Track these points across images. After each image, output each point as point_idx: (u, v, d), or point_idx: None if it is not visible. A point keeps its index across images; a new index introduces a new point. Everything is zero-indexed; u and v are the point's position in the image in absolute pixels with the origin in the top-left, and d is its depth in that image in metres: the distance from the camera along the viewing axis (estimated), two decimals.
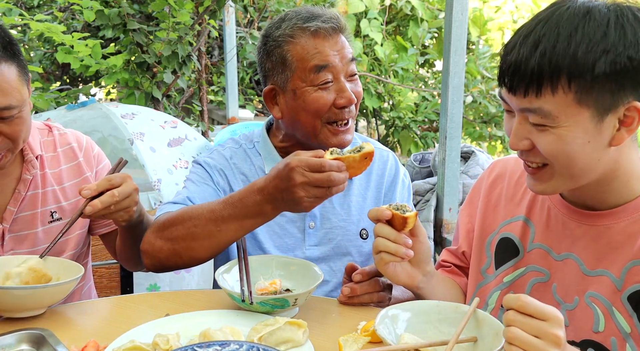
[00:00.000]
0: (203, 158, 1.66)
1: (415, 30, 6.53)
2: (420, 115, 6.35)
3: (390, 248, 1.21)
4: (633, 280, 1.10)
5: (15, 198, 1.51)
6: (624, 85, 1.00)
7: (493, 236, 1.34)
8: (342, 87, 1.50)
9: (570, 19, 1.01)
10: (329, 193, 1.25)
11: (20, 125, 1.39)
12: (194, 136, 4.40)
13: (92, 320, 1.26)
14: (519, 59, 1.03)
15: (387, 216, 1.22)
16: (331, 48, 1.49)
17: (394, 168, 1.69)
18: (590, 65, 0.99)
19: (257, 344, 1.06)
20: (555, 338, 0.93)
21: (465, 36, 2.84)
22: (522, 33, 1.06)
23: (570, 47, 0.99)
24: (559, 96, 1.01)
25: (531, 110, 1.05)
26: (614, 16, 1.01)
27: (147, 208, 3.81)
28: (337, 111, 1.50)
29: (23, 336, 1.15)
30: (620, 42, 0.99)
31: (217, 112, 7.74)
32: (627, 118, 1.04)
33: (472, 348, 1.08)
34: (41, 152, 1.57)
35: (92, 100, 4.29)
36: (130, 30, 4.67)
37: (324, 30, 1.49)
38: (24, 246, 1.53)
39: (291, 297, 1.23)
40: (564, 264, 1.20)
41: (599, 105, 1.01)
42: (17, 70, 1.37)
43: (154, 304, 1.35)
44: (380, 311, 1.13)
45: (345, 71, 1.51)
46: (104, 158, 1.71)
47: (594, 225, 1.15)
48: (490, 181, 1.40)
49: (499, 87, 1.12)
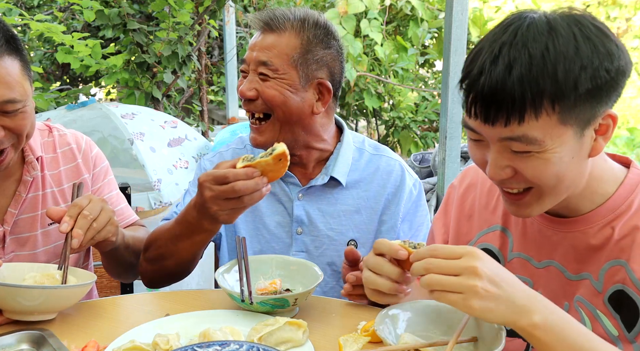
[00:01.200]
0: (205, 161, 1.67)
1: (415, 30, 6.53)
2: (420, 115, 6.35)
3: (385, 287, 1.10)
4: (612, 281, 1.10)
5: (16, 199, 1.51)
6: (602, 97, 0.98)
7: (471, 245, 1.30)
8: (246, 80, 1.52)
9: (536, 38, 0.96)
10: (241, 203, 1.25)
11: (24, 120, 1.38)
12: (194, 136, 4.40)
13: (92, 320, 1.26)
14: (493, 86, 0.96)
15: (403, 256, 1.07)
16: (253, 43, 1.53)
17: (399, 179, 1.62)
18: (572, 84, 0.95)
19: (257, 344, 1.06)
20: (472, 269, 0.92)
21: (465, 36, 2.84)
22: (485, 58, 0.98)
23: (547, 67, 0.94)
24: (543, 120, 0.97)
25: (514, 138, 0.99)
26: (577, 29, 0.97)
27: (147, 208, 3.82)
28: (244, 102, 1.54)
29: (23, 336, 1.15)
30: (594, 55, 0.96)
31: (217, 112, 7.74)
32: (602, 127, 1.02)
33: (472, 348, 1.08)
34: (41, 154, 1.56)
35: (92, 100, 4.29)
36: (130, 30, 4.67)
37: (256, 25, 1.53)
38: (24, 248, 1.53)
39: (291, 297, 1.23)
40: (547, 272, 1.19)
41: (580, 121, 0.99)
42: (20, 64, 1.36)
43: (154, 304, 1.35)
44: (380, 311, 1.13)
45: (255, 68, 1.51)
46: (103, 160, 1.69)
47: (569, 231, 1.14)
48: (463, 190, 1.36)
49: (467, 117, 1.04)
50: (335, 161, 1.59)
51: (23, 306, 1.19)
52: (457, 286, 0.92)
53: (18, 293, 1.17)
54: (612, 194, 1.11)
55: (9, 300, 1.18)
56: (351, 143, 1.65)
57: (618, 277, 1.09)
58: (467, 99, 1.02)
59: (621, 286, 1.09)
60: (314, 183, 1.59)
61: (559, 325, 0.94)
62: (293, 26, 1.50)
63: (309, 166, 1.60)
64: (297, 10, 1.53)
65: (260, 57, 1.49)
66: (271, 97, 1.49)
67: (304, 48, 1.49)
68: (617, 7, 9.92)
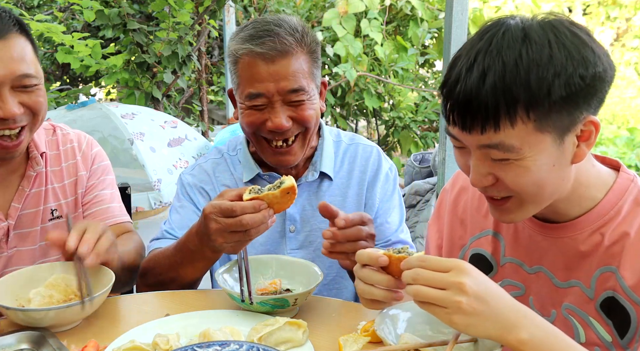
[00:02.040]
0: (185, 175, 1.65)
1: (415, 30, 6.52)
2: (420, 115, 6.35)
3: (379, 295, 1.06)
4: (603, 287, 1.09)
5: (19, 194, 1.52)
6: (578, 103, 0.97)
7: (464, 250, 1.31)
8: (274, 111, 1.44)
9: (510, 45, 0.96)
10: (247, 236, 1.23)
11: (40, 97, 1.41)
12: (194, 136, 4.40)
13: (92, 320, 1.26)
14: (468, 93, 0.96)
15: (384, 263, 1.05)
16: (267, 73, 1.42)
17: (376, 163, 1.65)
18: (545, 91, 0.94)
19: (257, 344, 1.06)
20: (459, 285, 0.91)
21: (465, 36, 2.84)
22: (462, 65, 0.99)
23: (520, 75, 0.94)
24: (519, 128, 0.96)
25: (492, 146, 0.99)
26: (552, 35, 0.97)
27: (147, 207, 3.82)
28: (269, 133, 1.47)
29: (23, 336, 1.15)
30: (567, 62, 0.95)
31: (217, 112, 7.74)
32: (584, 133, 1.01)
33: (472, 348, 1.08)
34: (45, 150, 1.58)
35: (92, 100, 4.30)
36: (130, 30, 4.67)
37: (261, 54, 1.42)
38: (26, 243, 1.54)
39: (291, 297, 1.23)
40: (537, 277, 1.19)
41: (558, 128, 0.98)
42: (31, 47, 1.41)
43: (154, 304, 1.35)
44: (380, 311, 1.13)
45: (282, 98, 1.44)
46: (103, 159, 1.70)
47: (559, 237, 1.13)
48: (455, 194, 1.36)
49: (447, 124, 1.05)
50: (321, 156, 1.61)
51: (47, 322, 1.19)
52: (442, 300, 0.92)
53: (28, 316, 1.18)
54: (601, 200, 1.10)
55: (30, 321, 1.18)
56: (330, 137, 1.67)
57: (609, 284, 1.08)
58: (445, 106, 1.02)
59: (612, 293, 1.08)
60: (303, 179, 1.60)
61: (547, 341, 0.93)
62: (299, 42, 1.46)
63: (299, 165, 1.60)
64: (284, 21, 1.47)
65: (289, 85, 1.43)
66: (309, 118, 1.48)
67: (312, 59, 1.49)
68: (617, 7, 9.92)
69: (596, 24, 10.51)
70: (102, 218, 1.62)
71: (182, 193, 1.63)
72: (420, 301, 0.95)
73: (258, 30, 1.44)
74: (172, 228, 1.57)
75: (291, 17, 1.51)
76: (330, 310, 1.31)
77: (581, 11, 10.60)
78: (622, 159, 6.21)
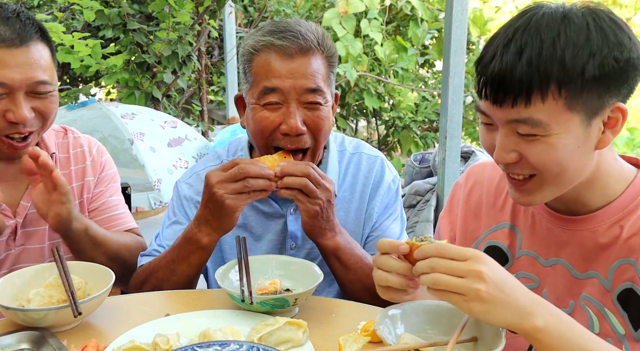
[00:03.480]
0: (182, 184, 1.59)
1: (415, 30, 6.53)
2: (420, 115, 6.35)
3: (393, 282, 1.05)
4: (621, 279, 1.10)
5: (28, 193, 1.53)
6: (609, 87, 0.99)
7: (478, 243, 1.32)
8: (289, 112, 1.38)
9: (549, 24, 0.99)
10: (246, 186, 1.27)
11: (53, 103, 1.45)
12: (194, 136, 4.40)
13: (92, 320, 1.26)
14: (503, 68, 0.99)
15: (404, 251, 1.04)
16: (286, 69, 1.37)
17: (379, 174, 1.59)
18: (579, 69, 0.97)
19: (257, 344, 1.06)
20: (478, 273, 0.92)
21: (465, 36, 2.85)
22: (499, 42, 1.02)
23: (556, 53, 0.97)
24: (549, 104, 0.99)
25: (520, 120, 1.01)
26: (592, 19, 0.99)
27: (147, 207, 3.82)
28: (282, 136, 1.40)
29: (23, 336, 1.15)
30: (604, 44, 0.97)
31: (217, 112, 7.74)
32: (611, 119, 1.03)
33: (472, 348, 1.08)
34: (55, 151, 1.61)
35: (92, 100, 4.30)
36: (131, 30, 4.68)
37: (284, 48, 1.37)
38: (33, 241, 1.55)
39: (291, 297, 1.23)
40: (553, 270, 1.19)
41: (587, 109, 1.00)
42: (50, 53, 1.45)
43: (154, 304, 1.35)
44: (380, 311, 1.13)
45: (298, 97, 1.38)
46: (112, 167, 1.72)
47: (579, 230, 1.14)
48: (468, 188, 1.36)
49: (479, 100, 1.07)
50: (325, 171, 1.53)
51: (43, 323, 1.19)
52: (461, 288, 0.93)
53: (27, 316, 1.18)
54: (622, 193, 1.12)
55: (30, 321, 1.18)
56: (335, 148, 1.60)
57: (627, 275, 1.10)
58: (479, 81, 1.05)
59: (630, 285, 1.09)
60: None
61: (561, 328, 0.95)
62: (320, 43, 1.41)
63: None
64: (303, 23, 1.44)
65: (308, 84, 1.37)
66: (322, 126, 1.42)
67: (330, 64, 1.45)
68: (617, 7, 9.92)
69: None
70: (111, 224, 1.64)
71: (178, 207, 1.57)
72: (436, 290, 0.95)
73: (279, 27, 1.41)
74: (162, 246, 1.52)
75: (310, 22, 1.47)
76: (330, 310, 1.31)
77: None
78: None
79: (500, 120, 1.04)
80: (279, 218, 1.55)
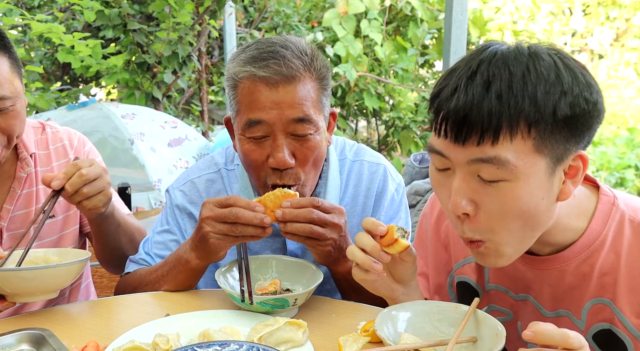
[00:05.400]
0: (175, 190, 1.53)
1: (415, 30, 6.53)
2: (420, 115, 6.35)
3: (358, 258, 1.08)
4: (596, 319, 1.07)
5: (11, 196, 1.52)
6: (576, 131, 0.93)
7: (452, 277, 1.29)
8: (276, 145, 1.30)
9: (517, 58, 0.92)
10: (234, 230, 1.21)
11: (14, 119, 1.37)
12: (194, 136, 4.40)
13: (92, 320, 1.26)
14: (469, 101, 0.90)
15: (382, 232, 1.07)
16: (270, 100, 1.28)
17: (381, 184, 1.51)
18: (551, 108, 0.90)
19: (257, 344, 1.06)
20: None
21: (465, 36, 2.85)
22: (461, 74, 0.94)
23: (527, 87, 0.90)
24: (517, 143, 0.91)
25: (485, 160, 0.92)
26: (558, 58, 0.94)
27: (147, 207, 3.82)
28: (272, 171, 1.32)
29: (23, 336, 1.15)
30: (574, 83, 0.92)
31: (217, 112, 7.75)
32: (572, 169, 0.97)
33: (472, 348, 1.08)
34: (35, 151, 1.57)
35: (93, 100, 4.30)
36: (131, 30, 4.68)
37: (264, 78, 1.28)
38: (21, 244, 1.53)
39: (291, 297, 1.23)
40: (524, 304, 1.17)
41: (552, 154, 0.93)
42: (9, 62, 1.36)
43: (154, 304, 1.35)
44: (381, 311, 1.13)
45: (285, 128, 1.30)
46: (97, 155, 1.69)
47: (546, 269, 1.10)
48: (434, 219, 1.31)
49: (436, 138, 0.97)
50: (325, 186, 1.47)
51: (22, 288, 1.21)
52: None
53: (14, 275, 1.20)
54: (585, 230, 1.07)
55: (3, 283, 1.21)
56: (336, 159, 1.52)
57: (603, 316, 1.07)
58: (436, 117, 0.96)
59: (608, 326, 1.06)
60: None
61: None
62: (308, 66, 1.32)
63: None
64: (291, 42, 1.34)
65: (294, 114, 1.28)
66: (314, 158, 1.34)
67: (322, 86, 1.35)
68: (616, 7, 9.93)
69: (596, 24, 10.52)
70: None
71: (170, 215, 1.52)
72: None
73: (261, 52, 1.30)
74: (150, 255, 1.50)
75: (300, 38, 1.37)
76: (330, 310, 1.31)
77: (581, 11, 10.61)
78: (621, 159, 6.22)
79: (460, 161, 0.95)
80: (277, 237, 1.48)
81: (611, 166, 6.13)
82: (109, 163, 1.75)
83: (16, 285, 1.21)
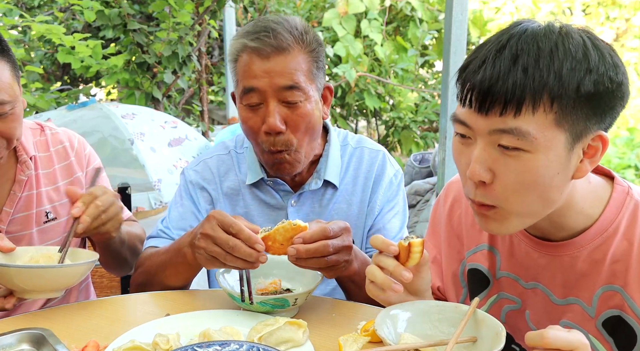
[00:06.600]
0: (189, 170, 1.62)
1: (415, 31, 6.54)
2: (420, 115, 6.36)
3: (378, 279, 1.09)
4: (606, 306, 1.08)
5: (11, 199, 1.51)
6: (598, 109, 0.96)
7: (463, 265, 1.30)
8: (268, 111, 1.40)
9: (547, 35, 0.95)
10: (224, 257, 1.20)
11: (13, 122, 1.38)
12: (194, 136, 4.40)
13: (92, 320, 1.26)
14: (495, 73, 0.94)
15: (394, 252, 1.08)
16: (262, 69, 1.39)
17: (380, 168, 1.60)
18: (575, 84, 0.92)
19: (257, 344, 1.06)
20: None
21: (465, 37, 2.85)
22: (490, 48, 0.97)
23: (553, 63, 0.92)
24: (539, 116, 0.93)
25: (506, 130, 0.95)
26: (587, 38, 0.96)
27: (147, 207, 3.82)
28: (266, 137, 1.42)
29: (23, 336, 1.15)
30: (600, 62, 0.94)
31: (217, 112, 7.75)
32: (591, 148, 0.99)
33: (472, 348, 1.08)
34: (35, 153, 1.56)
35: (93, 100, 4.30)
36: (131, 30, 4.68)
37: (256, 49, 1.39)
38: (20, 246, 1.53)
39: (291, 297, 1.23)
40: (534, 293, 1.17)
41: (573, 130, 0.95)
42: (9, 66, 1.36)
43: (154, 304, 1.35)
44: (381, 311, 1.13)
45: (277, 96, 1.40)
46: (95, 158, 1.70)
47: (558, 255, 1.11)
48: (448, 207, 1.33)
49: (460, 107, 1.01)
50: (326, 163, 1.56)
51: (28, 285, 1.23)
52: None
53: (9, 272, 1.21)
54: (599, 217, 1.08)
55: (7, 280, 1.23)
56: (337, 142, 1.62)
57: (613, 302, 1.07)
58: (463, 88, 0.99)
59: (618, 312, 1.07)
60: (307, 187, 1.56)
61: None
62: (299, 39, 1.42)
63: (303, 171, 1.55)
64: (284, 20, 1.44)
65: (283, 82, 1.38)
66: (304, 123, 1.42)
67: (313, 58, 1.44)
68: (616, 7, 9.93)
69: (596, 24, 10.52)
70: None
71: (185, 190, 1.61)
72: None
73: (255, 27, 1.42)
74: (169, 228, 1.56)
75: (294, 17, 1.47)
76: (330, 310, 1.31)
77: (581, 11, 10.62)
78: (621, 159, 6.21)
79: (482, 131, 0.98)
80: (280, 209, 1.57)
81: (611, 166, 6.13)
82: (109, 163, 1.76)
83: (29, 282, 1.23)
